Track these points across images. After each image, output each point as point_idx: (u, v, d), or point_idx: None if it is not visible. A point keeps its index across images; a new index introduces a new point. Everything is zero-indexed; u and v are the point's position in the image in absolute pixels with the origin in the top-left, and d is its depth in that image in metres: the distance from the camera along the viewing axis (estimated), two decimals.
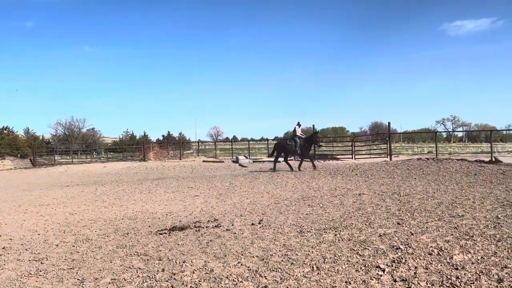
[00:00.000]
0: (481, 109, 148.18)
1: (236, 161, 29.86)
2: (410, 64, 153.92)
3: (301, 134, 22.32)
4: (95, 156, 53.94)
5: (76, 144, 70.88)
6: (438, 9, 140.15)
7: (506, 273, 4.84)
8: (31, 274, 5.68)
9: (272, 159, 22.78)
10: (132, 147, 49.83)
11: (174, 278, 5.21)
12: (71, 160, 45.26)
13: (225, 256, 6.06)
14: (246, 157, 31.55)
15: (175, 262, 5.89)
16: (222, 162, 30.63)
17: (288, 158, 22.93)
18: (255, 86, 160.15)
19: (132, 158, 40.93)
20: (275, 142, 30.59)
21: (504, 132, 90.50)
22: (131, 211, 10.59)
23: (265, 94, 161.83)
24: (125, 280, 5.25)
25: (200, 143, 53.18)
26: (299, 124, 22.29)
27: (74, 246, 7.22)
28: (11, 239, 8.12)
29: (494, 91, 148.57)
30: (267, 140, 46.47)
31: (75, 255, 6.64)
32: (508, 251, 5.66)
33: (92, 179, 22.87)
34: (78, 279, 5.38)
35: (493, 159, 21.12)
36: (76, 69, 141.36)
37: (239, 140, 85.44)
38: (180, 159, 35.80)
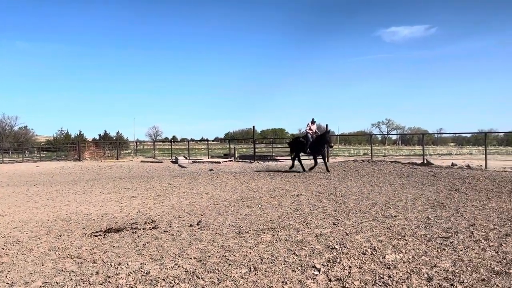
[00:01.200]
0: (414, 113, 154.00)
1: (176, 161, 29.55)
2: (347, 68, 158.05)
3: (314, 132, 20.54)
4: (27, 155, 51.72)
5: (7, 143, 67.78)
6: (374, 15, 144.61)
7: (436, 272, 5.04)
8: None
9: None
10: (66, 146, 48.15)
11: (109, 281, 5.07)
12: (1, 159, 43.27)
13: (162, 258, 5.97)
14: (186, 158, 31.26)
15: (110, 264, 5.74)
16: (161, 162, 30.20)
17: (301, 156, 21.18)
18: (196, 86, 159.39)
19: (66, 158, 39.60)
20: (214, 142, 30.32)
21: (436, 135, 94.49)
22: (65, 213, 10.23)
23: (206, 95, 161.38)
24: (57, 283, 5.06)
25: (138, 143, 52.28)
26: (313, 121, 20.63)
27: (3, 249, 6.88)
28: None
29: (427, 96, 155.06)
30: (207, 140, 46.29)
31: (4, 258, 6.33)
32: (437, 251, 5.91)
33: (23, 179, 21.94)
34: (7, 283, 5.14)
35: (425, 162, 21.97)
36: (7, 65, 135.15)
37: (178, 140, 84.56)
38: (117, 159, 35.02)
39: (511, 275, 4.80)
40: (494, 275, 4.84)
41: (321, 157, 19.90)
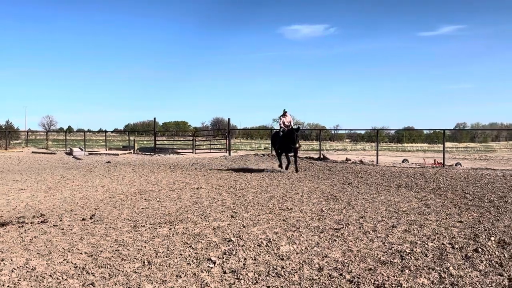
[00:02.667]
0: (313, 110, 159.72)
1: (70, 153, 28.22)
2: (250, 64, 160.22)
3: (288, 125, 17.42)
4: None
5: None
6: (277, 12, 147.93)
7: (326, 262, 5.22)
8: None
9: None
10: None
11: None
12: None
13: (50, 253, 5.65)
14: (82, 149, 29.97)
15: None
16: (54, 154, 28.71)
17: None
18: (95, 75, 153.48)
19: None
20: (113, 133, 29.28)
21: (333, 131, 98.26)
22: None
23: (106, 84, 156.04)
24: None
25: (30, 133, 49.33)
26: (284, 113, 17.69)
27: None
28: None
29: (326, 93, 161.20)
30: (105, 132, 44.68)
31: None
32: (329, 242, 6.13)
33: None
34: None
35: (321, 156, 22.78)
36: None
37: (74, 131, 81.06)
38: (6, 149, 32.78)
39: (395, 264, 5.09)
40: (380, 265, 5.10)
41: (292, 155, 16.98)
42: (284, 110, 17.63)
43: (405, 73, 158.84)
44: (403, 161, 22.87)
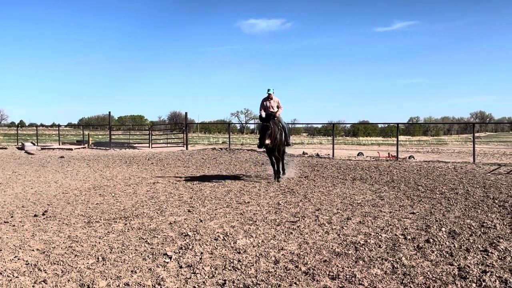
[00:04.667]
0: None
1: (22, 148, 27.39)
2: (208, 58, 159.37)
3: (272, 112, 12.15)
4: None
5: None
6: (234, 6, 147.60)
7: (282, 254, 5.27)
8: None
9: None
10: None
11: None
12: None
13: (0, 250, 5.48)
14: (34, 144, 29.13)
15: None
16: (5, 149, 27.80)
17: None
18: (48, 68, 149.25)
19: None
20: (66, 128, 28.52)
21: (290, 125, 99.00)
22: None
23: (59, 77, 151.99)
24: None
25: None
26: (269, 96, 12.44)
27: None
28: None
29: (283, 87, 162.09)
30: (58, 126, 43.59)
31: None
32: (285, 234, 6.18)
33: None
34: None
35: None
36: None
37: (26, 125, 78.66)
38: None
39: (349, 256, 5.19)
40: (335, 256, 5.19)
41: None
42: (268, 90, 12.32)
43: (361, 68, 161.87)
44: (358, 155, 23.31)
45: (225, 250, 5.46)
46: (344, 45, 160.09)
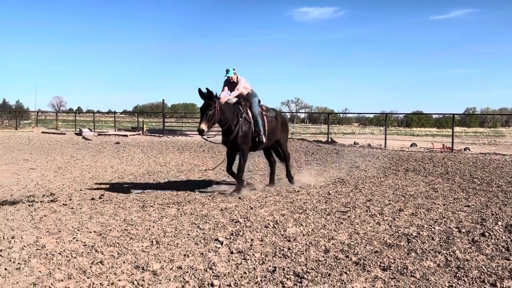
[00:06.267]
0: (322, 93, 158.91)
1: (80, 133, 28.35)
2: (258, 47, 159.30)
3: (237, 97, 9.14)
4: None
5: None
6: None
7: (333, 244, 5.25)
8: None
9: None
10: None
11: (1, 255, 4.78)
12: None
13: (60, 231, 5.73)
14: (91, 130, 30.10)
15: (3, 238, 5.41)
16: (64, 134, 28.87)
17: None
18: (104, 56, 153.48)
19: None
20: (121, 115, 29.14)
21: (341, 115, 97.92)
22: None
23: (115, 66, 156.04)
24: None
25: (40, 113, 49.52)
26: (229, 80, 9.08)
27: None
28: None
29: (334, 76, 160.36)
30: (114, 113, 44.84)
31: None
32: (335, 224, 6.15)
33: None
34: None
35: (329, 140, 22.76)
36: None
37: (84, 112, 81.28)
38: (16, 129, 33.01)
39: (401, 247, 5.11)
40: (387, 247, 5.13)
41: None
42: (227, 72, 8.97)
43: (415, 57, 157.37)
44: (411, 145, 22.79)
45: (275, 237, 5.49)
46: (398, 33, 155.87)
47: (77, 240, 5.34)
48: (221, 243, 5.20)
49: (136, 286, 3.97)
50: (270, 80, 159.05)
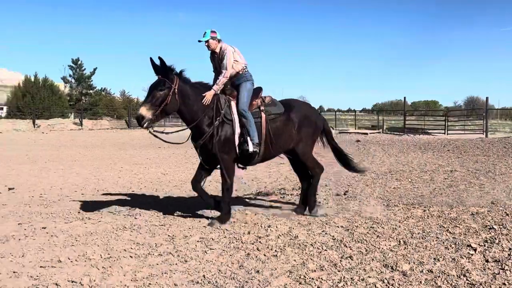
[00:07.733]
0: None
1: None
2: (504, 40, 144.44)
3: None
4: None
5: None
6: None
7: None
8: (125, 227, 5.99)
9: None
10: None
11: (260, 242, 5.29)
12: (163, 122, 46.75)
13: (310, 224, 6.07)
14: (332, 128, 31.18)
15: (260, 226, 5.97)
16: None
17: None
18: (343, 54, 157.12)
19: None
20: (361, 113, 29.27)
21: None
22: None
23: (354, 63, 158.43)
24: (212, 239, 5.41)
25: None
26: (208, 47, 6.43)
27: (165, 205, 7.51)
28: (107, 194, 8.65)
29: None
30: (354, 111, 45.54)
31: (166, 213, 6.89)
32: None
33: None
34: (168, 235, 5.61)
35: None
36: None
37: (325, 110, 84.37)
38: None
39: None
40: None
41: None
42: (204, 34, 6.36)
43: None
44: None
45: None
46: None
47: (326, 234, 5.58)
48: (475, 250, 4.85)
49: (386, 285, 3.97)
50: None
